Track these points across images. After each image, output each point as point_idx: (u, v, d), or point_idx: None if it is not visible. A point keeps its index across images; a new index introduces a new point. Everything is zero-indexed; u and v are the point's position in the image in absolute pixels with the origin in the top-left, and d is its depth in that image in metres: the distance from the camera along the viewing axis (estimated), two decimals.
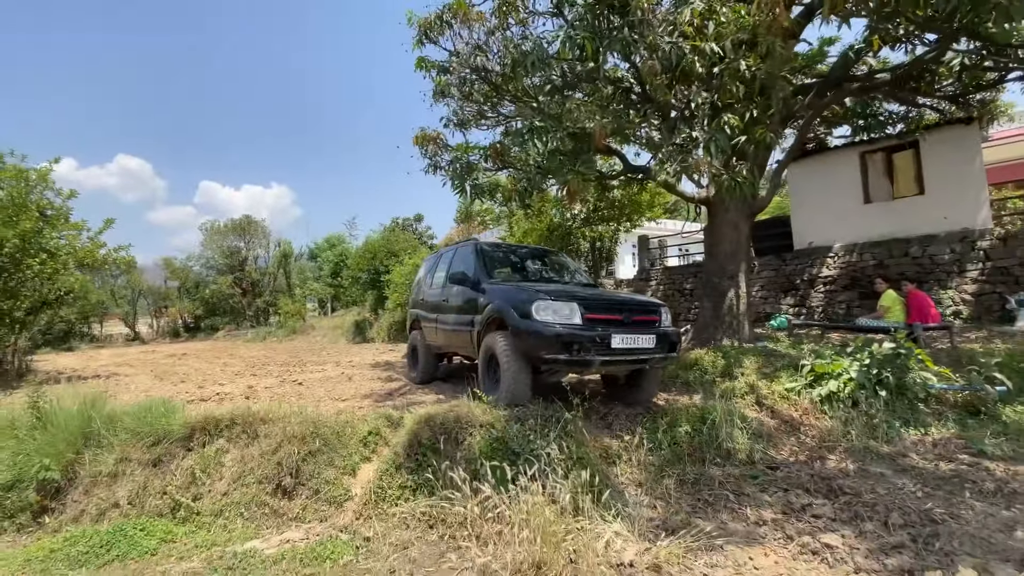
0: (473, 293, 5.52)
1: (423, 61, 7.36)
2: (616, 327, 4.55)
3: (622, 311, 4.73)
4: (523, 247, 7.14)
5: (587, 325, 4.44)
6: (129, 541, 3.62)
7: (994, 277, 8.97)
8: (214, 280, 35.43)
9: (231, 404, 5.95)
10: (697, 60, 4.23)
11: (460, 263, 6.32)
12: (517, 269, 6.21)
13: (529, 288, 4.91)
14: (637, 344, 4.56)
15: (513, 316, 4.58)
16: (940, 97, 8.55)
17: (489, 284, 5.38)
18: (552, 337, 4.27)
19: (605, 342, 4.37)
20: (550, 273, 6.36)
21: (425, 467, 4.04)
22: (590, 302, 4.60)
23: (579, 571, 2.74)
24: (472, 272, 5.70)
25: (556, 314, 4.42)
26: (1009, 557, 2.67)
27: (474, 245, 6.20)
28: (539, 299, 4.47)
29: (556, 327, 4.32)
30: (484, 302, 5.23)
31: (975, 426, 4.66)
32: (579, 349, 4.28)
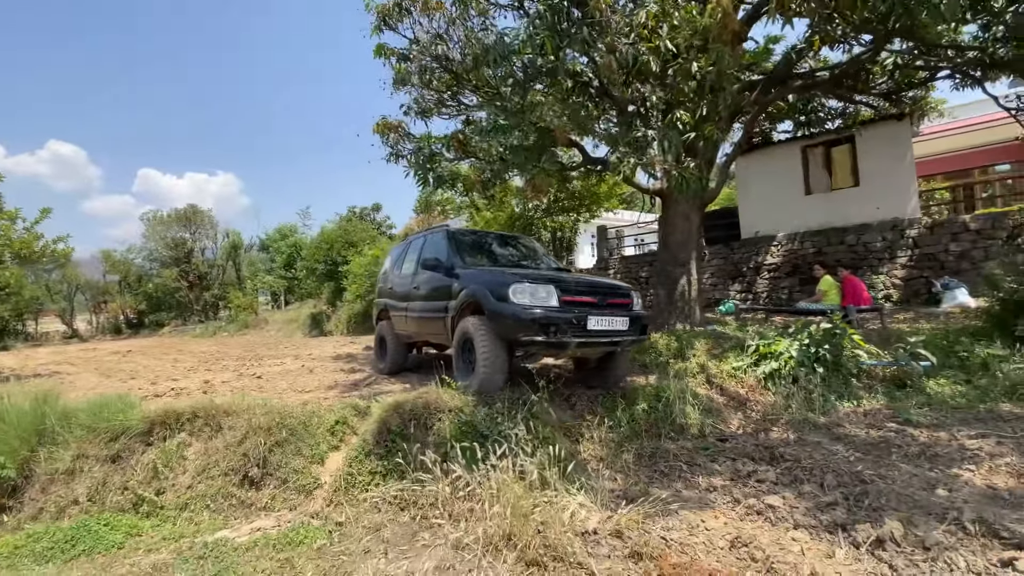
0: (446, 279, 5.48)
1: (382, 48, 7.27)
2: (592, 309, 4.62)
3: (597, 294, 4.80)
4: (494, 233, 7.13)
5: (564, 307, 4.47)
6: (94, 536, 3.54)
7: (922, 263, 9.76)
8: (158, 273, 33.75)
9: (189, 399, 5.81)
10: (652, 59, 4.42)
11: (432, 250, 6.26)
12: (489, 255, 6.21)
13: (506, 271, 4.93)
14: (612, 326, 4.66)
15: (490, 300, 4.59)
16: (875, 94, 9.18)
17: (463, 269, 5.36)
18: (529, 319, 4.29)
19: (581, 324, 4.45)
20: (522, 258, 6.40)
21: (395, 452, 4.12)
22: (566, 285, 4.66)
23: (547, 540, 2.90)
24: (445, 258, 5.66)
25: (533, 296, 4.44)
26: (931, 511, 3.01)
27: (446, 232, 6.17)
28: (516, 282, 4.49)
29: (533, 309, 4.35)
30: (459, 287, 5.21)
31: (902, 398, 5.14)
32: (556, 331, 4.33)
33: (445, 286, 5.50)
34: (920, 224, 9.89)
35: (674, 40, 4.35)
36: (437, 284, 5.71)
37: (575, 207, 15.37)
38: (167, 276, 32.57)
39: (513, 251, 6.54)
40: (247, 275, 35.48)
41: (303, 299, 28.47)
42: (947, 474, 3.46)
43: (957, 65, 7.40)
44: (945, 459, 3.68)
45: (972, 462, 3.61)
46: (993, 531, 2.68)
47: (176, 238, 34.11)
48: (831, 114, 10.03)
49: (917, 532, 2.74)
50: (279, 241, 35.30)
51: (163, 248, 33.99)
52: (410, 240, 7.34)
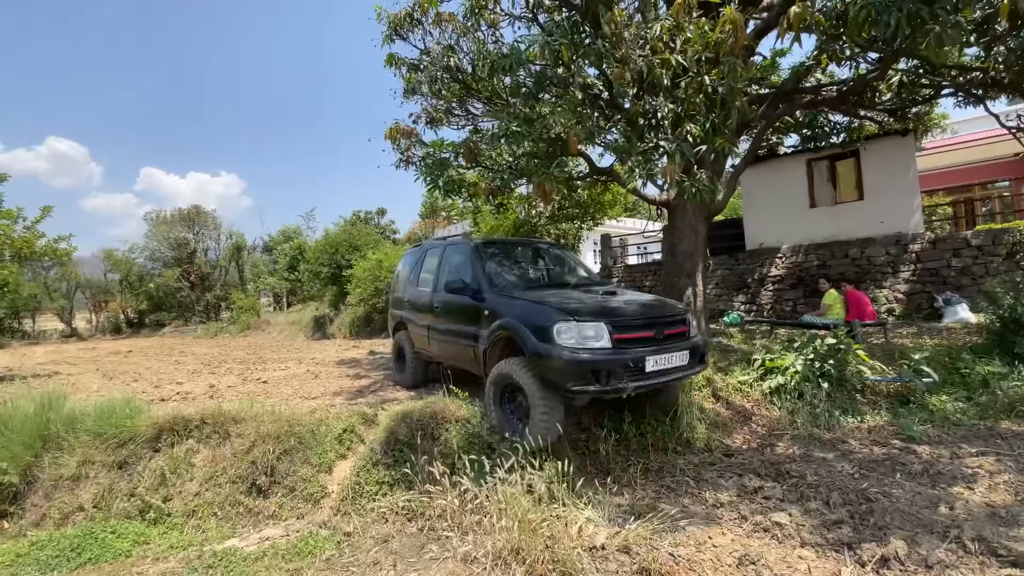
0: (474, 303, 4.91)
1: (393, 58, 7.35)
2: (649, 346, 4.02)
3: (653, 325, 4.16)
4: (520, 241, 6.52)
5: (617, 348, 3.88)
6: (100, 544, 3.56)
7: (924, 278, 9.79)
8: (160, 273, 33.74)
9: (194, 404, 5.84)
10: (664, 73, 4.48)
11: (454, 267, 5.69)
12: (519, 271, 5.62)
13: (545, 301, 4.27)
14: (671, 363, 4.05)
15: (530, 339, 3.98)
16: (880, 110, 9.25)
17: (493, 295, 4.77)
18: (578, 365, 3.72)
19: (639, 366, 3.84)
20: (556, 273, 5.84)
21: (402, 462, 4.14)
22: (620, 320, 4.04)
23: (555, 555, 2.92)
24: (471, 278, 5.11)
25: (581, 336, 3.84)
26: (934, 530, 3.04)
27: (469, 245, 5.60)
28: (561, 320, 3.89)
29: (582, 353, 3.77)
30: (489, 315, 4.64)
31: (905, 414, 5.16)
32: (610, 377, 3.74)
33: (473, 311, 4.91)
34: (923, 239, 9.93)
35: (686, 54, 4.40)
36: (463, 307, 5.11)
37: (579, 215, 15.42)
38: (169, 276, 32.57)
39: (544, 264, 5.94)
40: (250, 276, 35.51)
41: (305, 301, 28.49)
42: (948, 492, 3.48)
43: (960, 84, 7.48)
44: (947, 477, 3.71)
45: (972, 480, 3.63)
46: (991, 549, 2.71)
47: (179, 238, 34.13)
48: (836, 128, 10.09)
49: (920, 550, 2.77)
50: (282, 243, 35.35)
51: (166, 248, 34.01)
52: (426, 248, 6.86)
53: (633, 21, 4.60)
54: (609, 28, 4.24)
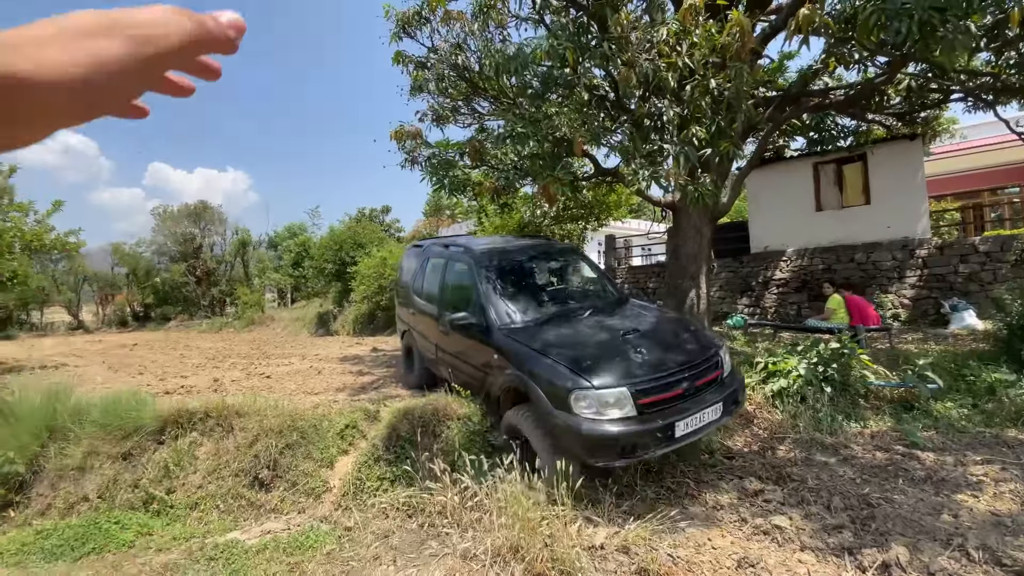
0: (482, 340, 4.48)
1: (401, 55, 7.37)
2: (679, 405, 3.57)
3: (683, 379, 3.64)
4: (527, 251, 5.69)
5: (644, 415, 3.45)
6: (104, 534, 3.60)
7: (930, 283, 9.73)
8: (166, 268, 33.97)
9: (199, 398, 5.88)
10: (670, 75, 4.48)
11: (457, 287, 5.29)
12: (528, 294, 5.04)
13: (560, 363, 3.70)
14: (704, 421, 3.60)
15: (544, 403, 3.58)
16: (888, 114, 9.19)
17: (501, 334, 4.28)
18: (599, 439, 3.33)
19: (668, 434, 3.43)
20: (568, 293, 5.32)
21: (404, 459, 4.17)
22: (644, 381, 3.54)
23: (554, 553, 2.93)
24: (475, 311, 4.62)
25: (602, 405, 3.41)
26: (936, 536, 3.03)
27: (473, 262, 5.03)
28: (579, 388, 3.45)
29: (604, 425, 3.35)
30: (498, 358, 4.22)
31: (909, 420, 5.13)
32: (635, 448, 3.37)
33: (480, 346, 4.52)
34: (930, 244, 9.87)
35: (692, 57, 4.40)
36: (470, 340, 4.72)
37: (584, 215, 15.41)
38: (175, 271, 32.77)
39: (556, 280, 5.40)
40: (255, 272, 35.67)
41: (309, 298, 28.60)
42: (952, 500, 3.47)
43: (970, 89, 7.42)
44: (951, 484, 3.69)
45: (977, 488, 3.61)
46: (996, 558, 2.70)
47: (185, 233, 34.34)
48: (844, 132, 10.04)
49: (922, 558, 2.76)
50: (288, 239, 35.50)
51: (172, 243, 34.23)
52: (428, 255, 6.41)
53: (640, 24, 4.60)
54: (616, 30, 4.24)
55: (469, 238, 7.86)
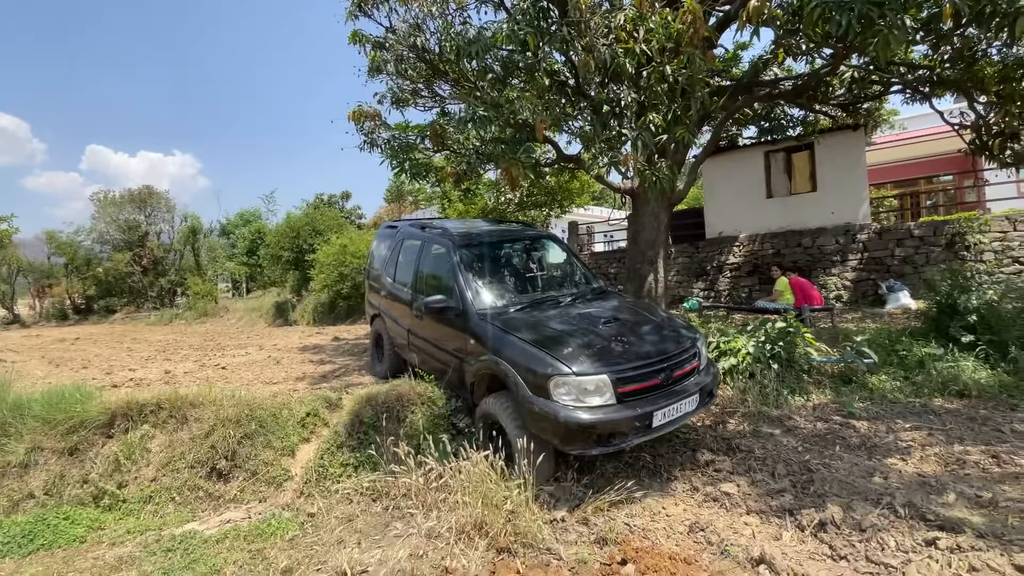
0: (458, 325, 4.41)
1: (357, 35, 7.17)
2: (657, 395, 3.58)
3: (662, 370, 3.65)
4: (507, 234, 5.67)
5: (623, 403, 3.45)
6: (53, 530, 3.47)
7: (870, 266, 10.34)
8: (109, 257, 32.09)
9: (149, 390, 5.66)
10: (628, 61, 4.56)
11: (434, 271, 5.17)
12: (506, 279, 4.98)
13: (541, 348, 3.66)
14: (680, 411, 3.61)
15: (522, 389, 3.53)
16: (833, 105, 9.64)
17: (479, 319, 4.18)
18: (577, 426, 3.29)
19: (646, 423, 3.43)
20: (547, 280, 5.23)
21: (367, 444, 4.16)
22: (623, 369, 3.54)
23: (517, 527, 3.03)
24: (452, 295, 4.53)
25: (581, 392, 3.39)
26: (868, 497, 3.28)
27: (450, 245, 4.91)
28: (559, 374, 3.41)
29: (582, 412, 3.32)
30: (475, 343, 4.15)
31: (847, 393, 5.49)
32: (612, 437, 3.36)
33: (456, 331, 4.45)
34: (870, 229, 10.47)
35: (649, 43, 4.49)
36: (446, 325, 4.64)
37: (547, 202, 15.52)
38: (119, 260, 30.98)
39: (534, 266, 5.28)
40: (206, 261, 34.20)
41: (266, 287, 27.69)
42: (883, 463, 3.76)
43: (908, 81, 7.87)
44: (882, 449, 3.99)
45: (905, 452, 3.93)
46: (920, 514, 2.96)
47: (129, 220, 32.45)
48: (793, 122, 10.47)
49: (855, 515, 3.00)
50: (241, 227, 34.14)
51: (115, 231, 32.29)
52: (402, 236, 6.21)
53: (599, 9, 4.65)
54: (575, 15, 4.28)
55: (446, 220, 7.66)
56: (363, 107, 6.94)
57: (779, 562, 2.66)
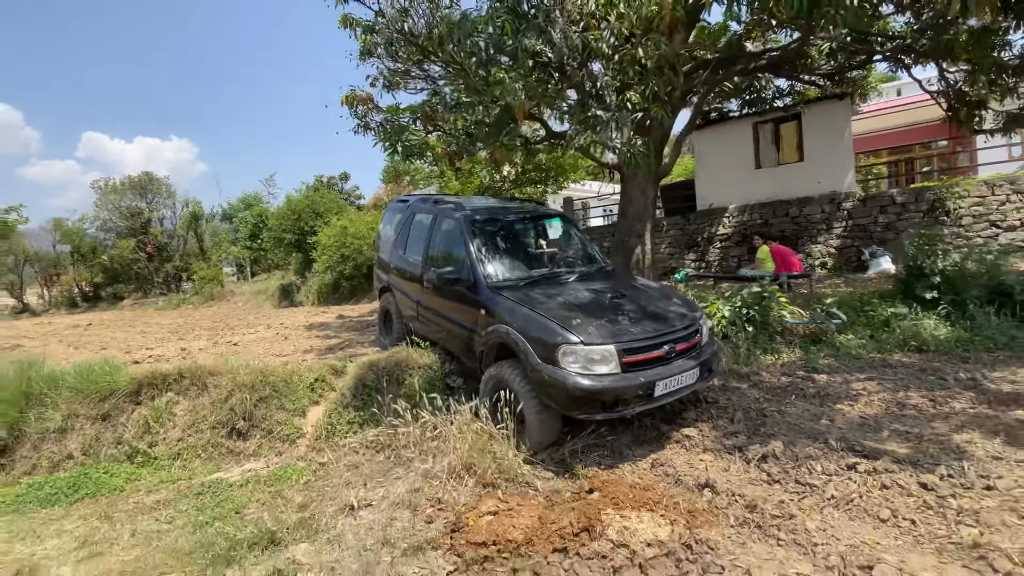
0: (469, 296, 4.56)
1: (348, 19, 7.40)
2: (660, 367, 3.73)
3: (665, 342, 3.80)
4: (518, 211, 5.78)
5: (628, 372, 3.60)
6: (95, 482, 3.95)
7: (854, 233, 10.65)
8: (114, 244, 32.55)
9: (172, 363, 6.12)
10: (604, 45, 4.84)
11: (445, 244, 5.29)
12: (518, 256, 5.14)
13: (550, 317, 3.83)
14: (681, 383, 3.79)
15: (531, 357, 3.70)
16: (819, 75, 9.80)
17: (491, 291, 4.35)
18: (584, 392, 3.47)
19: (648, 392, 3.60)
20: (557, 257, 5.42)
21: (370, 404, 4.62)
22: (629, 340, 3.70)
23: (500, 467, 3.48)
24: (464, 267, 4.67)
25: (588, 360, 3.55)
26: (810, 435, 3.71)
27: (463, 220, 5.02)
28: (567, 343, 3.57)
29: (588, 379, 3.49)
30: (485, 314, 4.31)
31: (814, 351, 5.90)
32: (616, 403, 3.56)
33: (467, 302, 4.60)
34: (854, 197, 10.74)
35: (620, 28, 4.77)
36: (457, 296, 4.77)
37: (543, 179, 15.77)
38: (124, 247, 31.43)
39: (545, 243, 5.43)
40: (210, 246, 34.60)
41: (270, 270, 28.19)
42: (832, 409, 4.19)
43: (888, 51, 8.05)
44: (833, 397, 4.42)
45: (854, 399, 4.35)
46: (850, 446, 3.40)
47: (131, 207, 32.80)
48: (779, 92, 10.63)
49: (794, 449, 3.44)
50: (243, 211, 34.45)
51: (118, 218, 32.67)
52: (413, 210, 6.33)
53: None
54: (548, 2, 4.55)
55: (458, 196, 7.89)
56: (356, 91, 7.22)
57: (721, 485, 3.11)
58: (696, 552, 2.48)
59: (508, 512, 2.95)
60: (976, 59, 6.42)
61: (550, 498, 3.20)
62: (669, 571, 2.39)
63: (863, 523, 2.68)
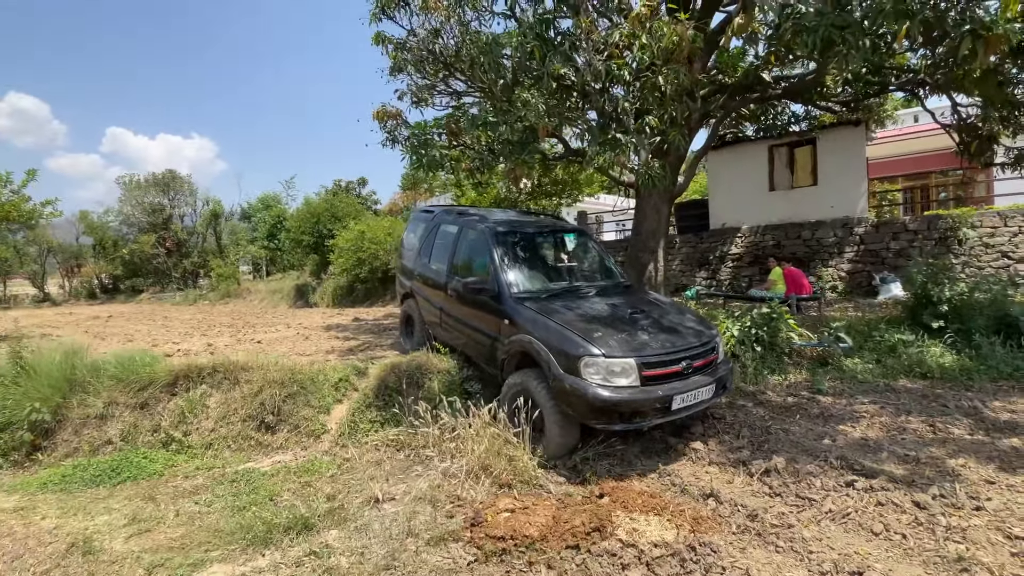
0: (493, 306, 4.70)
1: (381, 36, 7.76)
2: (677, 382, 3.85)
3: (682, 358, 3.93)
4: (541, 225, 5.98)
5: (647, 386, 3.73)
6: (135, 466, 4.23)
7: (866, 258, 10.77)
8: (135, 239, 33.36)
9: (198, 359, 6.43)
10: (626, 72, 5.11)
11: (471, 255, 5.42)
12: (540, 269, 5.31)
13: (572, 329, 3.96)
14: (697, 398, 3.91)
15: (553, 367, 3.83)
16: (836, 102, 10.01)
17: (514, 302, 4.51)
18: (604, 403, 3.60)
19: (666, 405, 3.73)
20: (578, 271, 5.52)
21: (392, 405, 4.87)
22: (648, 354, 3.83)
23: (515, 469, 3.70)
24: (489, 278, 4.82)
25: (609, 373, 3.68)
26: (811, 452, 3.90)
27: (488, 232, 5.17)
28: (589, 355, 3.70)
29: (608, 391, 3.62)
30: (508, 325, 4.45)
31: (821, 373, 6.06)
32: (634, 415, 3.70)
33: (490, 311, 4.75)
34: (867, 223, 10.87)
35: (641, 58, 5.03)
36: (481, 305, 4.91)
37: (558, 192, 16.06)
38: (144, 242, 32.20)
39: (567, 258, 5.55)
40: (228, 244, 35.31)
41: (285, 270, 28.71)
42: (834, 429, 4.36)
43: (902, 83, 8.26)
44: (836, 419, 4.59)
45: (856, 421, 4.52)
46: (849, 465, 3.58)
47: (154, 203, 33.65)
48: (795, 118, 10.84)
49: (796, 466, 3.63)
50: (261, 211, 35.16)
51: (140, 213, 33.53)
52: (438, 221, 6.53)
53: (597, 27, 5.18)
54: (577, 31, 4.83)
55: (482, 209, 7.86)
56: (386, 107, 7.55)
57: (725, 495, 3.31)
58: (699, 554, 2.68)
59: (524, 510, 3.17)
60: (987, 95, 6.59)
61: (563, 500, 3.41)
62: (674, 569, 2.60)
63: (857, 535, 2.87)
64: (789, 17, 4.43)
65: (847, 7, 4.50)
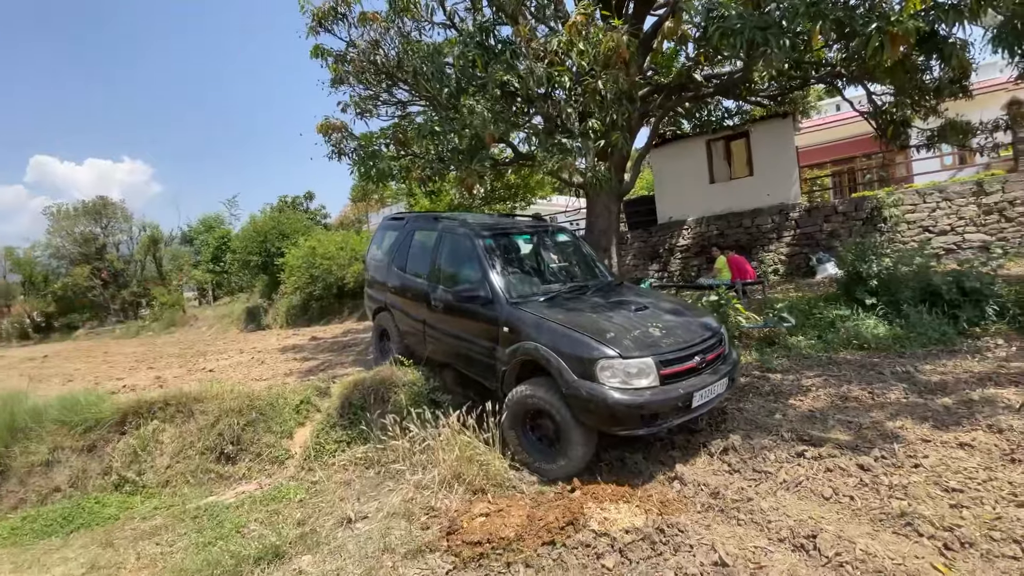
0: (487, 315, 4.38)
1: (319, 49, 7.65)
2: (695, 378, 3.67)
3: (696, 353, 3.76)
4: (523, 226, 5.68)
5: (666, 385, 3.51)
6: (88, 513, 4.00)
7: (802, 241, 11.42)
8: (67, 272, 31.26)
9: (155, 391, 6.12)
10: (566, 77, 5.27)
11: (456, 262, 5.06)
12: (532, 271, 5.07)
13: (583, 331, 3.72)
14: (714, 393, 3.75)
15: (567, 374, 3.56)
16: (764, 96, 10.61)
17: (511, 307, 4.22)
18: (626, 408, 3.38)
19: (687, 404, 3.53)
20: (570, 272, 5.35)
21: (357, 422, 4.80)
22: (665, 352, 3.62)
23: (488, 474, 3.74)
24: (481, 285, 4.49)
25: (627, 375, 3.44)
26: (765, 428, 4.13)
27: (474, 234, 4.88)
28: (604, 358, 3.46)
29: (629, 396, 3.39)
30: (508, 331, 4.14)
31: (769, 352, 6.40)
32: (657, 417, 3.47)
33: (485, 320, 4.41)
34: (800, 207, 11.55)
35: (580, 64, 5.20)
36: (473, 315, 4.57)
37: (511, 195, 16.21)
38: (78, 274, 30.22)
39: (557, 259, 5.37)
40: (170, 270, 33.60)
41: (234, 293, 27.62)
42: (785, 404, 4.63)
43: (821, 76, 8.85)
44: (786, 394, 4.87)
45: (803, 394, 4.81)
46: (799, 436, 3.83)
47: (85, 233, 31.67)
48: (728, 113, 11.41)
49: (751, 441, 3.84)
50: (204, 233, 33.67)
51: (71, 244, 31.47)
52: (410, 228, 6.08)
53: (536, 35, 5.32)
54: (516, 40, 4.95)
55: (457, 213, 7.90)
56: (330, 120, 7.45)
57: (688, 477, 3.47)
58: (668, 535, 2.81)
59: (499, 513, 3.22)
60: (898, 84, 7.17)
61: (536, 498, 3.47)
62: (646, 553, 2.71)
63: (810, 501, 3.08)
64: (715, 20, 4.69)
65: (766, 9, 4.83)
